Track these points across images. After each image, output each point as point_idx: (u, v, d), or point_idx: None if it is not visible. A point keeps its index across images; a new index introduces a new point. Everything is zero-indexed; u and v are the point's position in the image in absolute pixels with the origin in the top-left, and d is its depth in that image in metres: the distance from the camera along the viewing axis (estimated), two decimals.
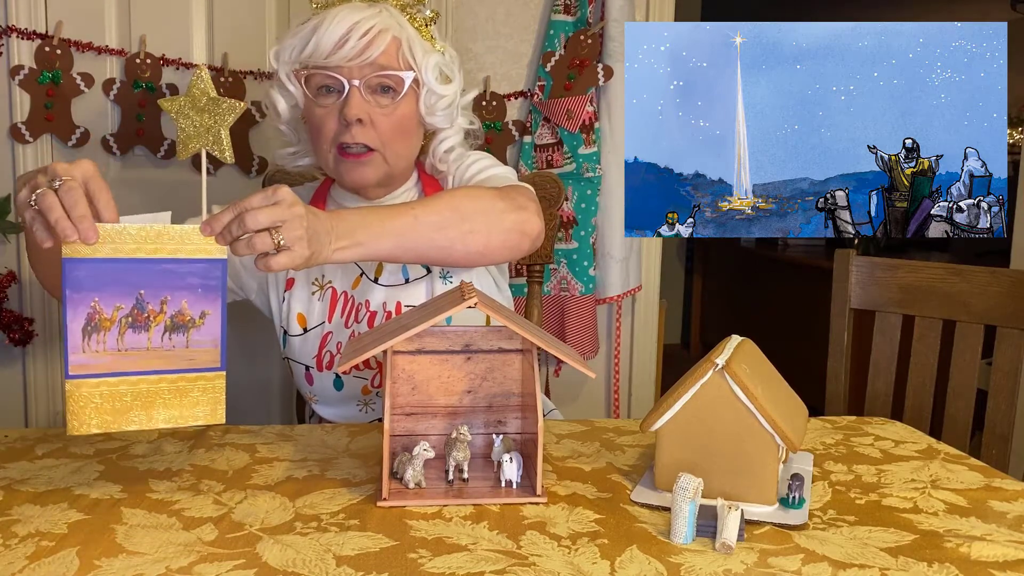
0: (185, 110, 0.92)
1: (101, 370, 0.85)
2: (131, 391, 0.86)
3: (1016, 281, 1.40)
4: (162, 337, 0.86)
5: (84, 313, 0.83)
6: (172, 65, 1.86)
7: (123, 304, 0.85)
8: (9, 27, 1.76)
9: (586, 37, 2.11)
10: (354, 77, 1.18)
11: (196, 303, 0.87)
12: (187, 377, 0.88)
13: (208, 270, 0.87)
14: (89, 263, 0.83)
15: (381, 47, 1.17)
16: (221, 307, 0.88)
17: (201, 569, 0.74)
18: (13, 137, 1.80)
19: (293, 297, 1.29)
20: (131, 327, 0.85)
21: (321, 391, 1.30)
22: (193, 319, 0.87)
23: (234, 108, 0.91)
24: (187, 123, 0.92)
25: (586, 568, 0.75)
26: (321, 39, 1.16)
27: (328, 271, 1.29)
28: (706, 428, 0.90)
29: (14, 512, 0.86)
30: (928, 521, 0.87)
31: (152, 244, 0.85)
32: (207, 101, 0.91)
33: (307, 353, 1.28)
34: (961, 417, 1.43)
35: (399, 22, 1.21)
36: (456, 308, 0.88)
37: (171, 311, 0.86)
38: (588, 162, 2.13)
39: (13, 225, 1.80)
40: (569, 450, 1.08)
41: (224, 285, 0.89)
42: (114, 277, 0.84)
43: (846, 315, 1.53)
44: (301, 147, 1.32)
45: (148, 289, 0.85)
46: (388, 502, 0.88)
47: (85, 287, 0.83)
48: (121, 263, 0.84)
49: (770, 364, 1.00)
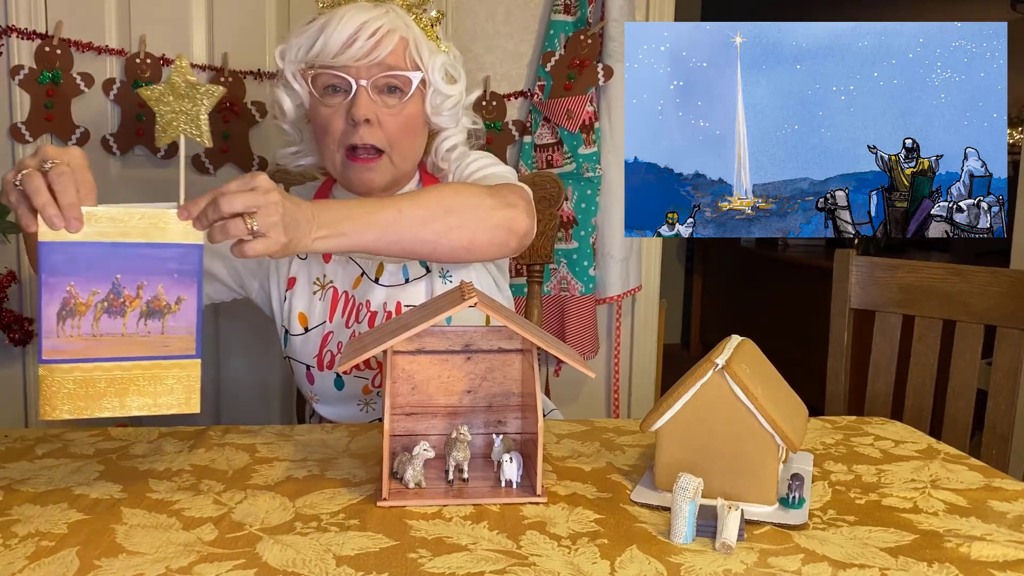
0: (165, 97, 0.91)
1: (75, 355, 0.84)
2: (104, 377, 0.85)
3: (1016, 281, 1.40)
4: (137, 323, 0.85)
5: (60, 298, 0.82)
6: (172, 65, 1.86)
7: (99, 289, 0.84)
8: (9, 27, 1.76)
9: (586, 37, 2.11)
10: (361, 77, 1.18)
11: (172, 288, 0.86)
12: (162, 364, 0.87)
13: (185, 255, 0.87)
14: (66, 246, 0.82)
15: (389, 47, 1.17)
16: (197, 293, 0.87)
17: (201, 569, 0.74)
18: (13, 137, 1.80)
19: (294, 296, 1.29)
20: (107, 312, 0.84)
21: (322, 390, 1.30)
22: (169, 305, 0.86)
23: (211, 93, 0.91)
24: (166, 109, 0.91)
25: (586, 568, 0.75)
26: (329, 39, 1.16)
27: (329, 271, 1.29)
28: (706, 428, 0.90)
29: (14, 512, 0.86)
30: (928, 521, 0.87)
31: (130, 227, 0.84)
32: (186, 87, 0.91)
33: (308, 352, 1.28)
34: (961, 417, 1.43)
35: (406, 22, 1.21)
36: (456, 308, 0.88)
37: (147, 296, 0.85)
38: (588, 162, 2.13)
39: (13, 225, 1.80)
40: (569, 450, 1.08)
41: (200, 271, 0.88)
42: (91, 261, 0.83)
43: (846, 315, 1.53)
44: (303, 146, 1.32)
45: (125, 274, 0.84)
46: (388, 502, 0.88)
47: (61, 271, 0.82)
48: (98, 247, 0.83)
49: (770, 364, 1.00)
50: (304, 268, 1.29)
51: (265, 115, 1.91)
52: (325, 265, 1.29)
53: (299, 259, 1.29)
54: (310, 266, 1.29)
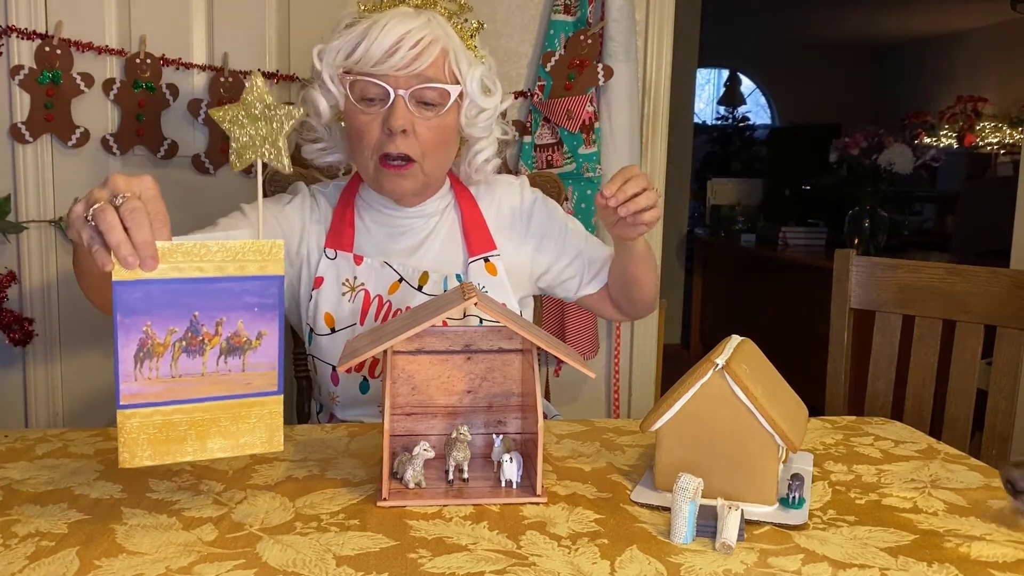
0: (239, 119, 0.86)
1: (154, 399, 0.79)
2: (186, 420, 0.81)
3: (1016, 281, 1.40)
4: (217, 361, 0.81)
5: (136, 339, 0.78)
6: (172, 65, 1.86)
7: (176, 327, 0.79)
8: (9, 27, 1.76)
9: (586, 37, 2.11)
10: (400, 87, 1.17)
11: (252, 323, 0.82)
12: (244, 403, 0.83)
13: (265, 287, 0.82)
14: (141, 285, 0.77)
15: (430, 59, 1.17)
16: (279, 327, 0.83)
17: (201, 569, 0.74)
18: (13, 137, 1.79)
19: (321, 296, 1.28)
20: (185, 351, 0.80)
21: (345, 392, 1.30)
22: (249, 340, 0.82)
23: (291, 115, 0.86)
24: (241, 132, 0.86)
25: (586, 568, 0.75)
26: (371, 46, 1.16)
27: (361, 273, 1.28)
28: (706, 428, 0.90)
29: (14, 512, 0.86)
30: (928, 521, 0.87)
31: (206, 262, 0.79)
32: (262, 108, 0.86)
33: (335, 354, 1.28)
34: (961, 417, 1.43)
35: (447, 32, 1.21)
36: (456, 308, 0.88)
37: (227, 333, 0.81)
38: (588, 162, 2.13)
39: (13, 225, 1.80)
40: (569, 450, 1.08)
41: (281, 303, 0.84)
42: (167, 299, 0.78)
43: (846, 315, 1.53)
44: (331, 143, 1.32)
45: (203, 310, 0.80)
46: (388, 502, 0.88)
47: (137, 311, 0.77)
48: (174, 283, 0.78)
49: (770, 364, 1.00)
50: (333, 268, 1.29)
51: None
52: (356, 267, 1.28)
53: (328, 258, 1.29)
54: (339, 267, 1.29)
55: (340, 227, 1.30)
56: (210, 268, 0.80)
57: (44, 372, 1.89)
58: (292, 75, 1.94)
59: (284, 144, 0.86)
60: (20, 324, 1.82)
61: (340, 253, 1.29)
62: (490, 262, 1.31)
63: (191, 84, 1.88)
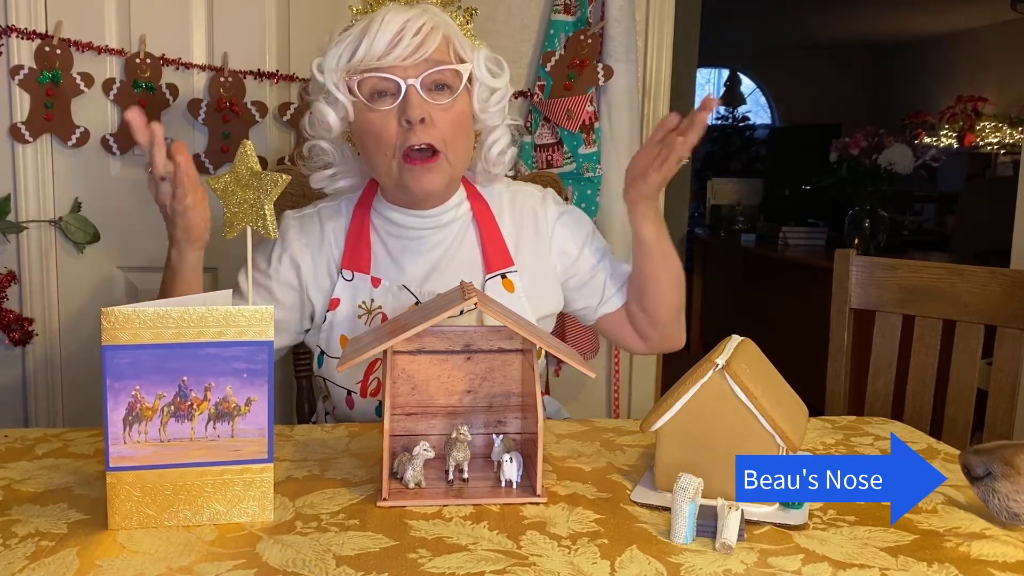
0: (231, 187, 0.90)
1: (142, 462, 0.81)
2: (173, 485, 0.82)
3: (1016, 281, 1.40)
4: (206, 426, 0.82)
5: (125, 402, 0.80)
6: (172, 65, 1.86)
7: (165, 392, 0.81)
8: (9, 27, 1.76)
9: (586, 37, 2.11)
10: (410, 76, 1.15)
11: (241, 389, 0.83)
12: (232, 470, 0.83)
13: (254, 353, 0.83)
14: (130, 350, 0.79)
15: (434, 43, 1.16)
16: (268, 393, 0.84)
17: (201, 569, 0.74)
18: (13, 137, 1.80)
19: (336, 318, 1.25)
20: (173, 416, 0.81)
21: (362, 416, 1.27)
22: (238, 406, 0.83)
23: (277, 182, 0.89)
24: (233, 201, 0.90)
25: (586, 568, 0.75)
26: (373, 41, 1.14)
27: (378, 297, 1.25)
28: (706, 428, 0.90)
29: (14, 512, 0.86)
30: (928, 521, 0.87)
31: (195, 328, 0.81)
32: (250, 176, 0.90)
33: (352, 378, 1.25)
34: (961, 417, 1.43)
35: (444, 19, 1.20)
36: (456, 308, 0.88)
37: (215, 398, 0.82)
38: (588, 162, 2.13)
39: (13, 225, 1.81)
40: (569, 450, 1.08)
41: (271, 369, 0.84)
42: (155, 364, 0.80)
43: (846, 315, 1.53)
44: (342, 167, 1.28)
45: (191, 375, 0.81)
46: (388, 502, 0.88)
47: (127, 375, 0.80)
48: (163, 348, 0.80)
49: (770, 364, 1.00)
50: (350, 290, 1.25)
51: (265, 115, 1.91)
52: (374, 290, 1.25)
53: (344, 279, 1.25)
54: (356, 289, 1.25)
55: (357, 246, 1.27)
56: (198, 333, 0.81)
57: (44, 372, 1.89)
58: (292, 75, 1.94)
59: (270, 210, 0.90)
60: (20, 324, 1.82)
61: (357, 275, 1.25)
62: (507, 278, 1.27)
63: (191, 84, 1.88)
